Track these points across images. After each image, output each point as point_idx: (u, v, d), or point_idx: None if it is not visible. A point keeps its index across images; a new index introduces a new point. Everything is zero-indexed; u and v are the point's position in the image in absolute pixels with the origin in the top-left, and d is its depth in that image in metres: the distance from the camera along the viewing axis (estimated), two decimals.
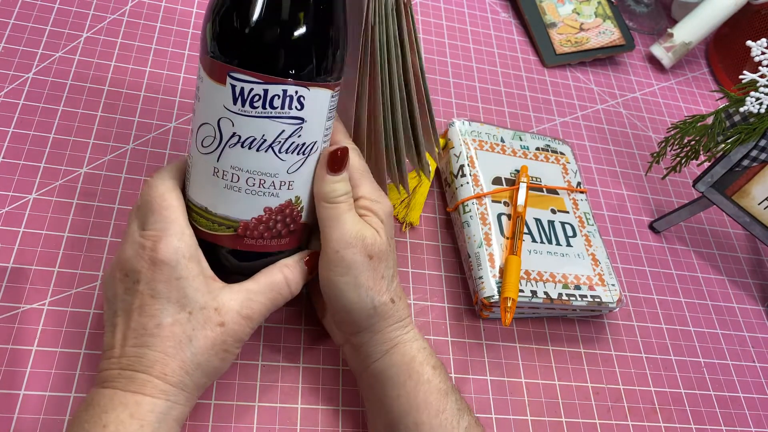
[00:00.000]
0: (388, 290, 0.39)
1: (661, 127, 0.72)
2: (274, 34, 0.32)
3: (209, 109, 0.34)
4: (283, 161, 0.35)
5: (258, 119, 0.33)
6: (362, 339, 0.39)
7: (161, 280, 0.34)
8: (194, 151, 0.36)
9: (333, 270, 0.37)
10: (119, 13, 0.59)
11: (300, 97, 0.34)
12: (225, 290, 0.36)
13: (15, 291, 0.42)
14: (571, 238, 0.53)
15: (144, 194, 0.36)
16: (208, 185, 0.36)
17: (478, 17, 0.75)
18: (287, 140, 0.34)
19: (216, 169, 0.35)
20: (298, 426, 0.42)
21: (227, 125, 0.34)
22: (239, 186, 0.35)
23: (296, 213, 0.37)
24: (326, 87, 0.35)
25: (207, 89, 0.34)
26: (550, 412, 0.48)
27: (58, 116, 0.51)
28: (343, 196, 0.37)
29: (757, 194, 0.54)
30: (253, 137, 0.34)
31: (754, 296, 0.60)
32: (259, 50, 0.32)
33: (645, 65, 0.78)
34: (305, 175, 0.37)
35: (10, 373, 0.39)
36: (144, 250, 0.34)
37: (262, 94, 0.33)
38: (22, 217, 0.45)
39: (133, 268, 0.34)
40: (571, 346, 0.51)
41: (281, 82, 0.33)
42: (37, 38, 0.54)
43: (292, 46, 0.33)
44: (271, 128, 0.34)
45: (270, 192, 0.36)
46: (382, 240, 0.38)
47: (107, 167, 0.49)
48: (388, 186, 0.55)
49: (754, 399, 0.53)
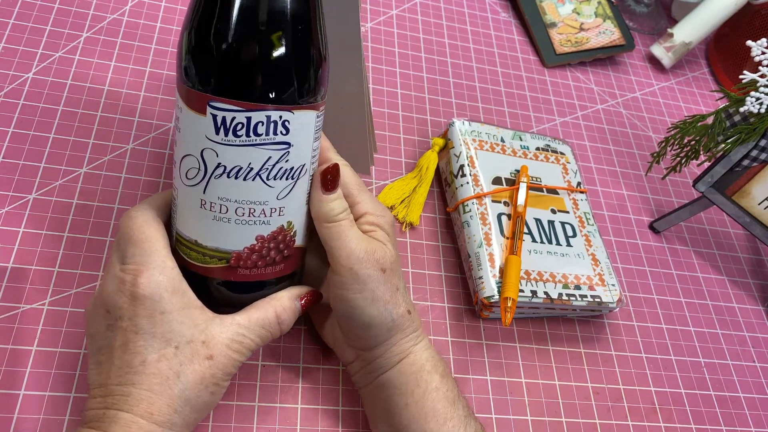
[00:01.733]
0: (405, 301, 0.39)
1: (661, 127, 0.72)
2: (253, 59, 0.31)
3: (191, 140, 0.33)
4: (272, 188, 0.34)
5: (243, 148, 0.32)
6: (377, 353, 0.39)
7: (144, 315, 0.32)
8: (179, 183, 0.35)
9: (349, 288, 0.36)
10: (119, 13, 0.59)
11: (285, 121, 0.32)
12: (214, 322, 0.34)
13: (15, 291, 0.42)
14: (571, 238, 0.53)
15: (122, 226, 0.35)
16: (196, 217, 0.34)
17: (478, 17, 0.75)
18: (275, 166, 0.33)
19: (203, 201, 0.34)
20: (298, 426, 0.42)
21: (211, 156, 0.32)
22: (228, 217, 0.34)
23: (290, 238, 0.36)
24: (311, 108, 0.34)
25: (187, 120, 0.33)
26: (550, 412, 0.48)
27: (57, 116, 0.51)
28: (342, 213, 0.37)
29: (757, 194, 0.54)
30: (239, 166, 0.33)
31: (754, 296, 0.60)
32: (238, 77, 0.31)
33: (645, 65, 0.78)
34: (296, 199, 0.36)
35: (10, 373, 0.39)
36: (124, 285, 0.33)
37: (245, 122, 0.32)
38: (22, 217, 0.45)
39: (114, 304, 0.33)
40: (571, 346, 0.51)
41: (264, 108, 0.32)
42: (37, 38, 0.54)
43: (273, 70, 0.32)
44: (257, 156, 0.33)
45: (261, 220, 0.34)
46: (391, 252, 0.38)
47: (107, 167, 0.49)
48: (389, 186, 0.55)
49: (754, 399, 0.53)
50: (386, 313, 0.37)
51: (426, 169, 0.56)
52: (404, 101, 0.63)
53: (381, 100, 0.62)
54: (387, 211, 0.40)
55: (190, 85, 0.32)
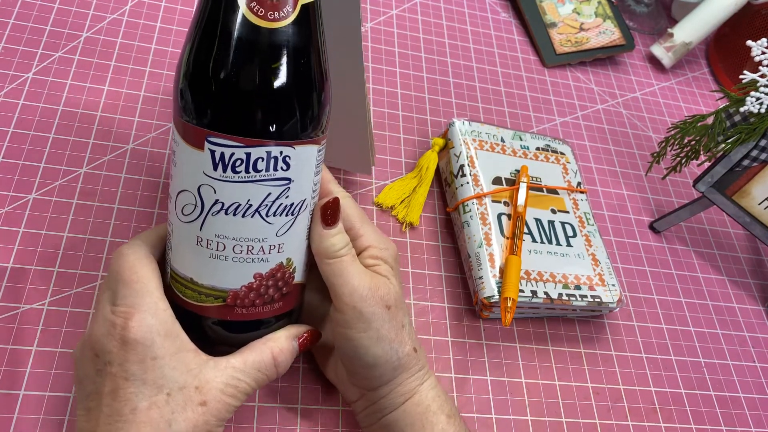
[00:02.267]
0: (410, 339, 0.38)
1: (662, 127, 0.72)
2: (254, 93, 0.30)
3: (187, 175, 0.32)
4: (272, 225, 0.33)
5: (242, 184, 0.31)
6: (381, 393, 0.38)
7: (134, 360, 0.31)
8: (174, 219, 0.34)
9: (353, 327, 0.35)
10: (119, 13, 0.59)
11: (286, 157, 0.31)
12: (208, 366, 0.33)
13: (15, 291, 0.42)
14: (572, 238, 0.53)
15: (113, 265, 0.34)
16: (192, 255, 0.33)
17: (478, 17, 0.75)
18: (274, 203, 0.32)
19: (199, 238, 0.33)
20: (298, 426, 0.42)
21: (208, 192, 0.31)
22: (226, 254, 0.33)
23: (289, 275, 0.35)
24: (313, 143, 0.33)
25: (183, 154, 0.32)
26: (550, 412, 0.48)
27: (57, 116, 0.51)
28: (344, 248, 0.36)
29: (758, 194, 0.54)
30: (238, 203, 0.32)
31: (754, 296, 0.60)
32: (237, 112, 0.30)
33: (645, 65, 0.78)
34: (296, 235, 0.35)
35: (10, 373, 0.39)
36: (115, 328, 0.31)
37: (244, 158, 0.31)
38: (22, 217, 0.45)
39: (103, 348, 0.31)
40: (571, 346, 0.51)
41: (264, 143, 0.31)
42: (37, 38, 0.54)
43: (274, 105, 0.31)
44: (257, 192, 0.32)
45: (259, 258, 0.33)
46: (396, 287, 0.37)
47: (107, 167, 0.49)
48: (389, 186, 0.55)
49: (754, 399, 0.53)
50: (392, 352, 0.36)
51: (426, 169, 0.56)
52: (404, 101, 0.63)
53: (381, 100, 0.62)
54: (390, 243, 0.39)
55: (187, 119, 0.31)
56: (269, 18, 0.29)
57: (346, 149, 0.50)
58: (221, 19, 0.29)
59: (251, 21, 0.29)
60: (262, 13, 0.29)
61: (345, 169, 0.54)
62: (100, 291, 0.34)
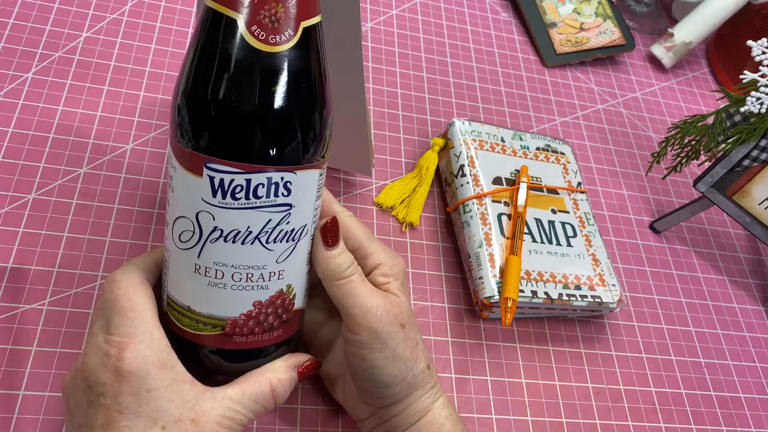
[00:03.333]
0: (424, 356, 0.37)
1: (662, 126, 0.72)
2: (254, 118, 0.29)
3: (185, 201, 0.31)
4: (272, 251, 0.32)
5: (241, 211, 0.30)
6: (394, 411, 0.37)
7: (129, 393, 0.30)
8: (171, 246, 0.33)
9: (369, 347, 0.35)
10: (119, 13, 0.59)
11: (287, 182, 0.31)
12: (205, 397, 0.32)
13: (15, 291, 0.42)
14: (572, 238, 0.53)
15: (106, 291, 0.32)
16: (190, 282, 0.32)
17: (478, 17, 0.75)
18: (275, 229, 0.32)
19: (197, 265, 0.32)
20: (297, 426, 0.42)
21: (207, 219, 0.31)
22: (224, 282, 0.32)
23: (289, 302, 0.35)
24: (314, 167, 0.32)
25: (181, 180, 0.31)
26: (550, 412, 0.48)
27: (57, 116, 0.50)
28: (351, 267, 0.35)
29: (758, 194, 0.54)
30: (237, 230, 0.31)
31: (754, 296, 0.60)
32: (237, 137, 0.29)
33: (645, 65, 0.78)
34: (296, 261, 0.34)
35: (9, 374, 0.39)
36: (108, 359, 0.30)
37: (244, 184, 0.30)
38: (22, 217, 0.45)
39: (96, 379, 0.30)
40: (571, 346, 0.51)
41: (264, 169, 0.30)
42: (37, 38, 0.54)
43: (275, 130, 0.30)
44: (257, 219, 0.31)
45: (259, 285, 0.33)
46: (406, 304, 0.37)
47: (107, 167, 0.49)
48: (389, 186, 0.55)
49: (754, 399, 0.53)
50: (407, 370, 0.36)
51: (426, 169, 0.56)
52: (404, 101, 0.63)
53: (381, 100, 0.62)
54: (398, 258, 0.38)
55: (184, 144, 0.30)
56: (270, 42, 0.29)
57: (346, 151, 0.50)
58: (220, 42, 0.29)
59: (251, 45, 0.28)
60: (263, 36, 0.28)
61: (345, 170, 0.54)
62: (92, 317, 0.32)
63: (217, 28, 0.29)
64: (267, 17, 0.28)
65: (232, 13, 0.28)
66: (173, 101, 0.31)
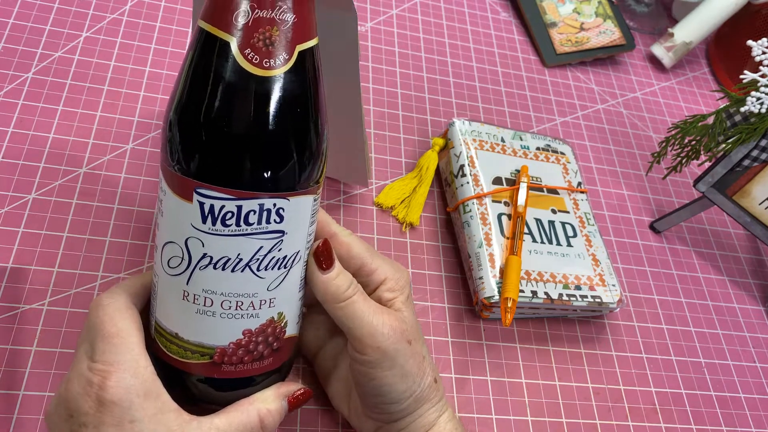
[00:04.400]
0: (431, 369, 0.37)
1: (662, 126, 0.72)
2: (246, 144, 0.28)
3: (175, 227, 0.30)
4: (263, 279, 0.31)
5: (231, 238, 0.29)
6: (401, 425, 0.37)
7: (111, 423, 0.29)
8: (160, 271, 0.32)
9: (378, 366, 0.34)
10: (119, 13, 0.59)
11: (279, 209, 0.30)
12: (191, 426, 0.31)
13: (14, 291, 0.42)
14: (572, 238, 0.53)
15: (92, 316, 0.32)
16: (178, 310, 0.32)
17: (478, 17, 0.75)
18: (266, 256, 0.31)
19: (186, 292, 0.31)
20: (297, 427, 0.42)
21: (196, 245, 0.30)
22: (213, 310, 0.31)
23: (280, 330, 0.34)
24: (308, 193, 0.31)
25: (171, 205, 0.30)
26: (550, 412, 0.47)
27: (57, 116, 0.50)
28: (350, 287, 0.34)
29: (758, 194, 0.54)
30: (227, 257, 0.30)
31: (754, 296, 0.60)
32: (228, 163, 0.28)
33: (645, 65, 0.78)
34: (288, 288, 0.33)
35: (9, 374, 0.39)
36: (91, 387, 0.29)
37: (234, 211, 0.29)
38: (22, 217, 0.45)
39: (78, 408, 0.29)
40: (571, 346, 0.51)
41: (256, 196, 0.29)
42: (37, 38, 0.54)
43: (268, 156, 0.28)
44: (247, 246, 0.30)
45: (249, 313, 0.32)
46: (411, 318, 0.36)
47: (107, 167, 0.49)
48: (389, 186, 0.55)
49: (754, 399, 0.53)
50: (415, 386, 0.35)
51: (426, 169, 0.56)
52: (404, 101, 0.63)
53: (381, 100, 0.62)
54: (402, 269, 0.38)
55: (174, 168, 0.29)
56: (264, 66, 0.27)
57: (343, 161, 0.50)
58: (212, 64, 0.27)
59: (245, 68, 0.27)
60: (257, 60, 0.27)
61: (342, 180, 0.54)
62: (78, 340, 0.32)
63: (210, 50, 0.27)
64: (261, 40, 0.27)
65: (225, 36, 0.27)
66: (164, 124, 0.30)
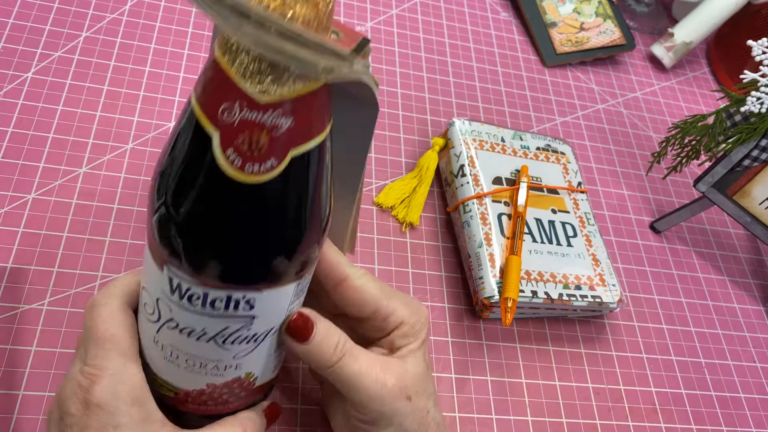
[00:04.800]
0: (434, 422, 0.35)
1: (662, 126, 0.72)
2: (216, 241, 0.25)
3: (150, 279, 0.29)
4: (228, 350, 0.30)
5: (197, 315, 0.28)
6: None
7: (95, 427, 0.29)
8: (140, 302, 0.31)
9: (376, 424, 0.33)
10: (119, 13, 0.59)
11: (249, 299, 0.27)
12: None
13: (14, 291, 0.42)
14: (572, 238, 0.53)
15: (86, 316, 0.31)
16: (150, 347, 0.31)
17: (478, 17, 0.75)
18: (233, 334, 0.29)
19: (155, 338, 0.30)
20: (297, 427, 0.42)
21: (165, 308, 0.28)
22: (179, 363, 0.30)
23: (248, 384, 0.33)
24: (287, 284, 0.28)
25: (147, 260, 0.29)
26: (550, 412, 0.47)
27: (57, 116, 0.50)
28: (338, 348, 0.32)
29: (758, 194, 0.54)
30: (193, 329, 0.28)
31: (754, 296, 0.60)
32: (197, 255, 0.25)
33: (645, 65, 0.78)
34: (258, 354, 0.31)
35: (9, 374, 0.39)
36: (80, 390, 0.29)
37: (201, 295, 0.27)
38: (21, 217, 0.45)
39: (67, 410, 0.29)
40: (571, 346, 0.51)
41: (224, 288, 0.26)
42: (37, 38, 0.54)
43: (239, 255, 0.25)
44: (213, 324, 0.28)
45: (213, 373, 0.31)
46: (416, 369, 0.34)
47: (106, 167, 0.49)
48: (389, 186, 0.55)
49: (755, 399, 0.53)
50: None
51: (426, 169, 0.56)
52: (404, 101, 0.63)
53: (381, 100, 0.62)
54: (421, 309, 0.36)
55: (153, 230, 0.27)
56: (246, 171, 0.23)
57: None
58: (193, 151, 0.24)
59: (223, 170, 0.23)
60: (239, 164, 0.23)
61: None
62: (77, 342, 0.32)
63: (193, 134, 0.24)
64: (246, 143, 0.23)
65: (208, 127, 0.23)
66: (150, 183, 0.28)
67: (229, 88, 0.22)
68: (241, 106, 0.22)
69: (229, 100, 0.22)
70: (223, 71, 0.22)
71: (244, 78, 0.22)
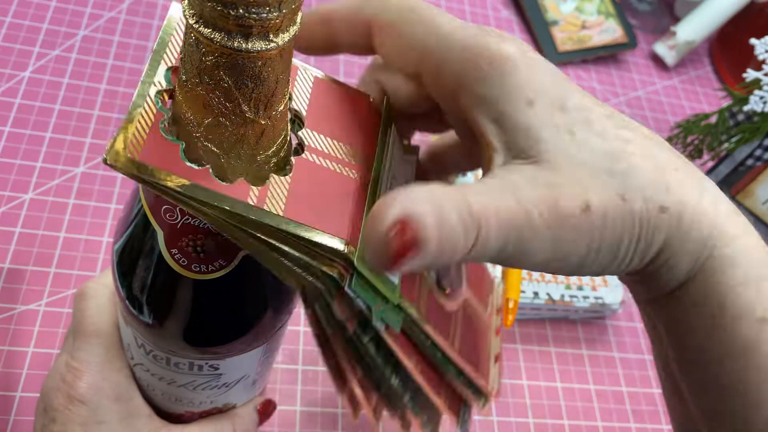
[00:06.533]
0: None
1: (664, 126, 0.71)
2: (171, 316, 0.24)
3: (121, 325, 0.29)
4: (200, 394, 0.30)
5: (164, 369, 0.27)
6: None
7: (78, 422, 0.28)
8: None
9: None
10: (116, 11, 0.58)
11: (212, 364, 0.27)
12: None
13: (11, 292, 0.42)
14: None
15: (75, 306, 0.31)
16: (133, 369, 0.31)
17: (479, 15, 0.74)
18: (202, 385, 0.29)
19: (132, 368, 0.30)
20: (297, 428, 0.42)
21: (136, 354, 0.28)
22: (155, 395, 0.31)
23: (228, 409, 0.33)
24: (252, 349, 0.27)
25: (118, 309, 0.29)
26: (552, 414, 0.47)
27: (54, 115, 0.50)
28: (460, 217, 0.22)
29: (761, 194, 0.54)
30: (162, 376, 0.28)
31: None
32: (153, 328, 0.25)
33: (648, 63, 0.78)
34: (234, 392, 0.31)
35: (6, 375, 0.39)
36: (64, 384, 0.29)
37: (164, 358, 0.26)
38: (18, 217, 0.45)
39: (50, 403, 0.29)
40: (573, 347, 0.51)
41: (184, 356, 0.26)
42: (34, 36, 0.54)
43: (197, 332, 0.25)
44: (181, 377, 0.28)
45: (189, 404, 0.31)
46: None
47: (104, 166, 0.49)
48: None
49: None
50: None
51: None
52: None
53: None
54: None
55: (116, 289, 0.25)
56: (193, 270, 0.22)
57: None
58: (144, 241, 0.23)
59: (170, 267, 0.22)
60: (185, 263, 0.22)
61: None
62: (67, 332, 0.32)
63: (144, 223, 0.22)
64: (191, 246, 0.21)
65: (153, 222, 0.21)
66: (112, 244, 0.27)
67: None
68: (181, 211, 0.20)
69: (170, 203, 0.20)
70: None
71: None
